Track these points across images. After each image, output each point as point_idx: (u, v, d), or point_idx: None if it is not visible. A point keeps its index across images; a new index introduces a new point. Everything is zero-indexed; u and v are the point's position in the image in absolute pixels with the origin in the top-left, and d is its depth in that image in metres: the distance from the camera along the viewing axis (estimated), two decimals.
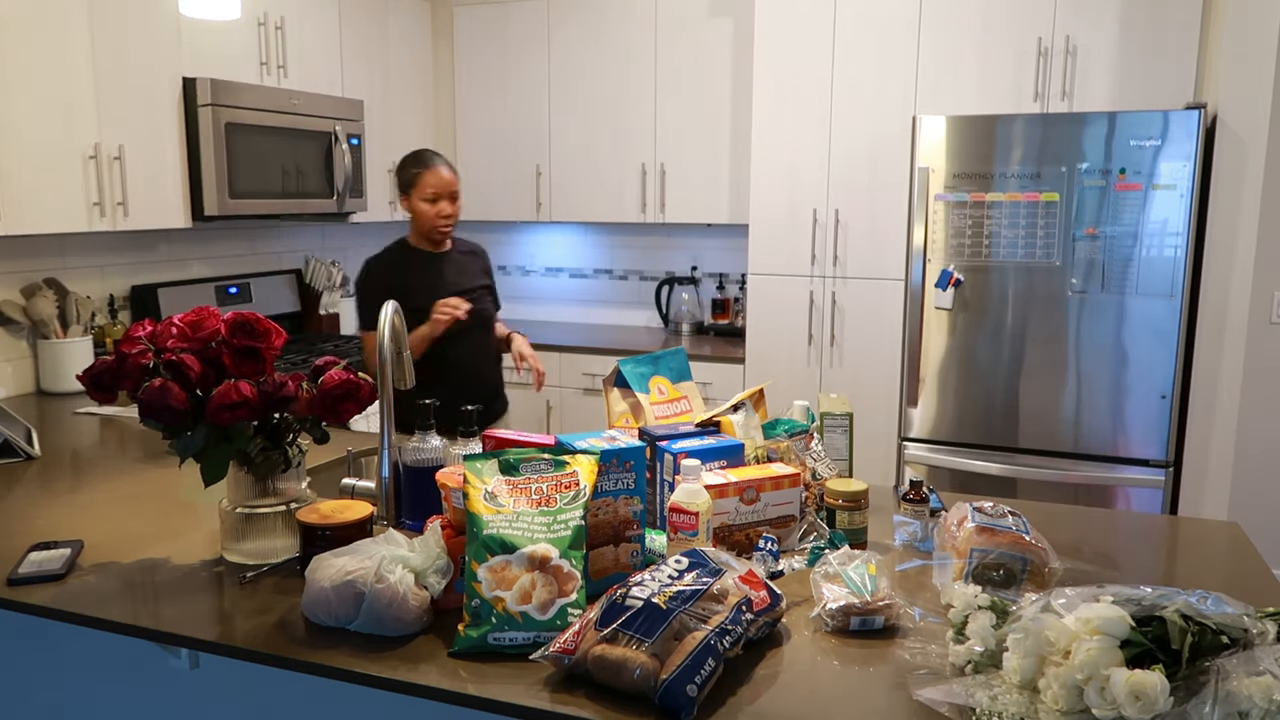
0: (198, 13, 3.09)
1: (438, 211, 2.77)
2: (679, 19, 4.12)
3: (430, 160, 2.80)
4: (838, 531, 1.67)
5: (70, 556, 1.60)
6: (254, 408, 1.52)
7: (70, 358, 3.07)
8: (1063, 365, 3.42)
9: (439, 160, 2.80)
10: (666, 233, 4.60)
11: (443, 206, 2.78)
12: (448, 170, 2.79)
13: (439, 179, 2.76)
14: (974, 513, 1.52)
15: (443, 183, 2.76)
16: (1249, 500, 3.38)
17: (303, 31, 3.71)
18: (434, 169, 2.77)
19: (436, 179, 2.76)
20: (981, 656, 1.19)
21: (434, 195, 2.76)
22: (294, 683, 1.60)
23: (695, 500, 1.52)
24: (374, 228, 4.71)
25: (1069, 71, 3.50)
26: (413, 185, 2.78)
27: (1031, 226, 3.39)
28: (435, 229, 2.79)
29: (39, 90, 2.77)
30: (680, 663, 1.15)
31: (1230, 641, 1.08)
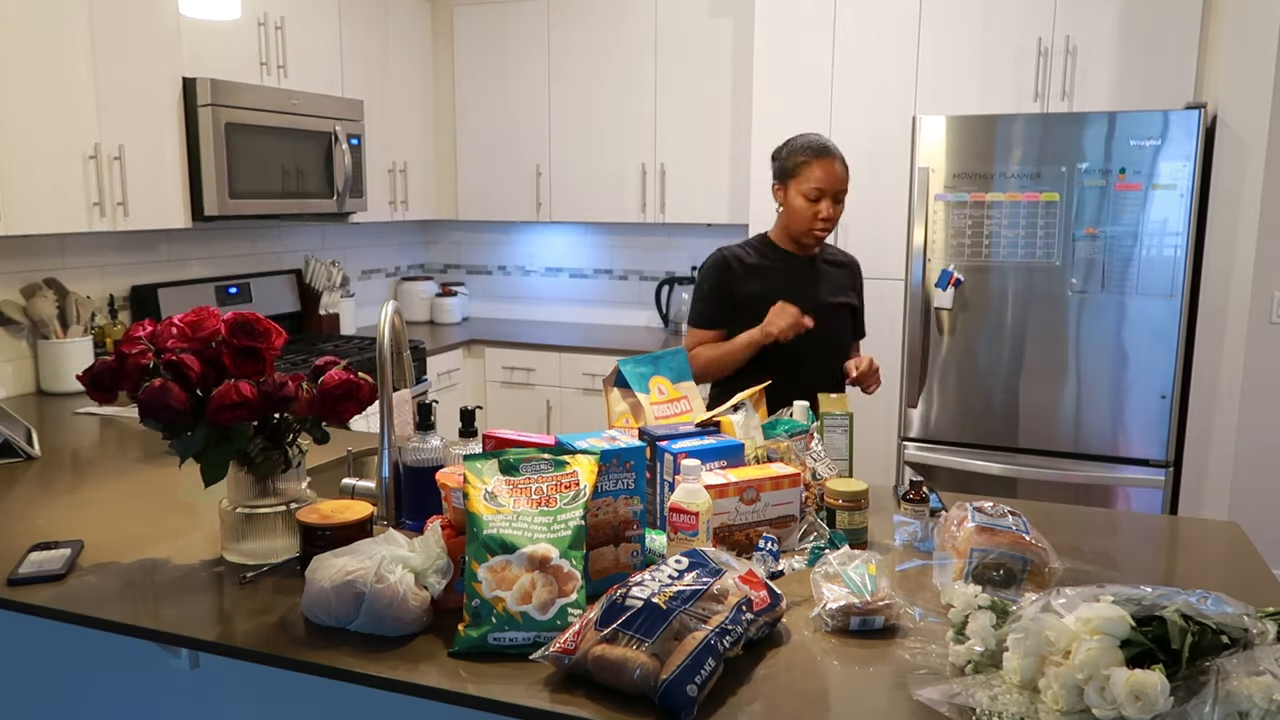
0: (198, 13, 3.10)
1: (816, 212, 2.40)
2: (679, 19, 4.12)
3: (823, 150, 2.40)
4: (838, 531, 1.67)
5: (70, 556, 1.60)
6: (254, 408, 1.52)
7: (70, 358, 3.07)
8: (1063, 365, 3.42)
9: (833, 152, 2.40)
10: (666, 233, 4.60)
11: (823, 207, 2.39)
12: (841, 165, 2.40)
13: (829, 174, 2.37)
14: (974, 513, 1.52)
15: (832, 179, 2.38)
16: (1249, 500, 3.38)
17: (303, 31, 3.72)
18: (826, 161, 2.38)
19: (826, 174, 2.37)
20: (981, 656, 1.19)
21: (818, 192, 2.38)
22: (294, 683, 1.60)
23: (695, 500, 1.52)
24: (374, 228, 4.71)
25: (1069, 71, 3.50)
26: (793, 175, 2.41)
27: (1031, 226, 3.39)
28: (809, 231, 2.43)
29: (39, 90, 2.77)
30: (680, 663, 1.15)
31: (1230, 641, 1.08)
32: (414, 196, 4.47)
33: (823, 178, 2.37)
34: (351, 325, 4.36)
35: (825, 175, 2.37)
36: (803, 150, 2.40)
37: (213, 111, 3.22)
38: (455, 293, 4.83)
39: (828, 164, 2.37)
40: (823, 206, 2.39)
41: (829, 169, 2.37)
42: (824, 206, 2.39)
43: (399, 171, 4.34)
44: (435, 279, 4.98)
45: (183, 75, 3.22)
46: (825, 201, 2.39)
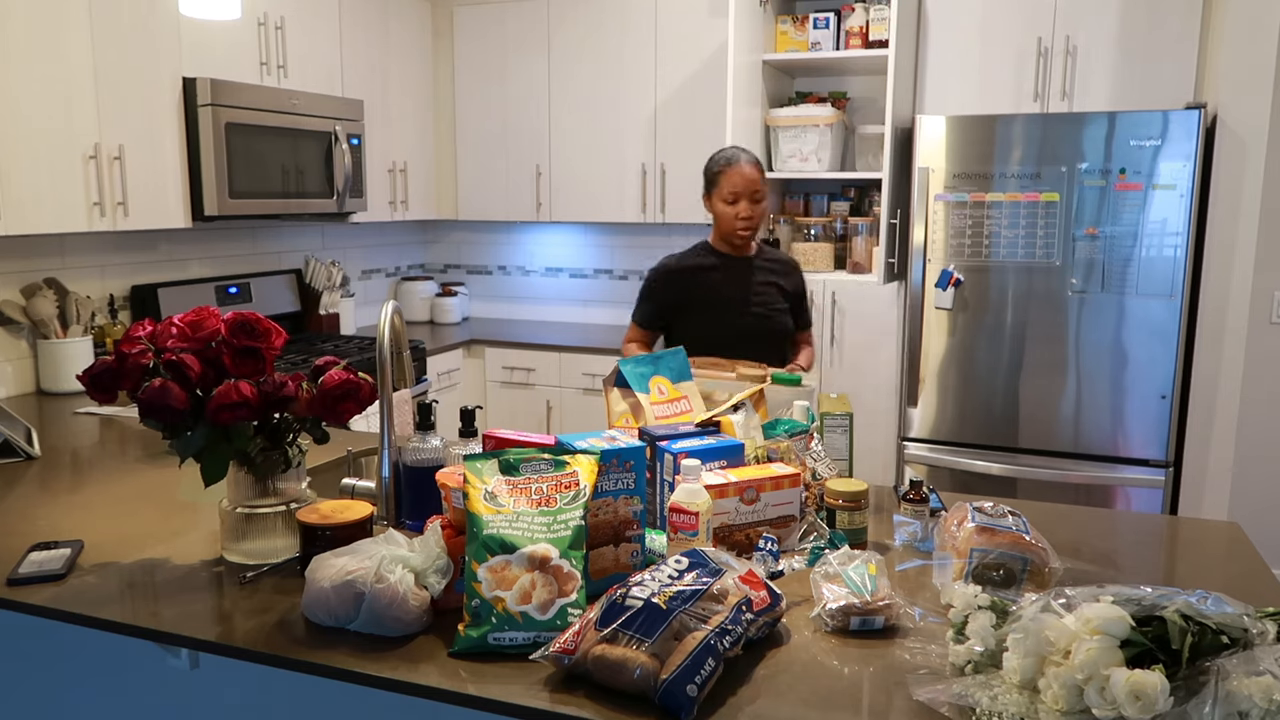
0: (198, 13, 3.09)
1: (736, 213, 2.64)
2: (679, 19, 4.11)
3: (732, 158, 2.66)
4: (838, 531, 1.67)
5: (70, 556, 1.60)
6: (254, 408, 1.52)
7: (70, 358, 3.06)
8: (1063, 365, 3.42)
9: (742, 158, 2.65)
10: (666, 233, 4.60)
11: (741, 208, 2.64)
12: (750, 168, 2.63)
13: (738, 178, 2.62)
14: (974, 513, 1.52)
15: (742, 182, 2.62)
16: (1249, 500, 3.38)
17: (303, 31, 3.71)
18: (735, 167, 2.63)
19: (736, 178, 2.62)
20: (981, 656, 1.19)
21: (733, 195, 2.63)
22: (294, 683, 1.60)
23: (695, 500, 1.52)
24: (374, 228, 4.71)
25: (1069, 71, 3.50)
26: (713, 184, 2.68)
27: (1031, 226, 3.39)
28: (734, 232, 2.67)
29: (39, 90, 2.77)
30: (680, 663, 1.15)
31: (1230, 641, 1.08)
32: (414, 196, 4.47)
33: (736, 182, 2.61)
34: (351, 325, 4.36)
35: (737, 179, 2.61)
36: (718, 162, 2.66)
37: (213, 111, 3.22)
38: (455, 293, 4.83)
39: (738, 169, 2.61)
40: (741, 207, 2.63)
41: (740, 173, 2.61)
42: (742, 207, 2.63)
43: (399, 171, 4.34)
44: (435, 279, 4.98)
45: (183, 75, 3.21)
46: (742, 203, 2.62)
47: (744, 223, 2.64)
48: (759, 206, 2.66)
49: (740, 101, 3.72)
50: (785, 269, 2.80)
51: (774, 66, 4.03)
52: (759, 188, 2.64)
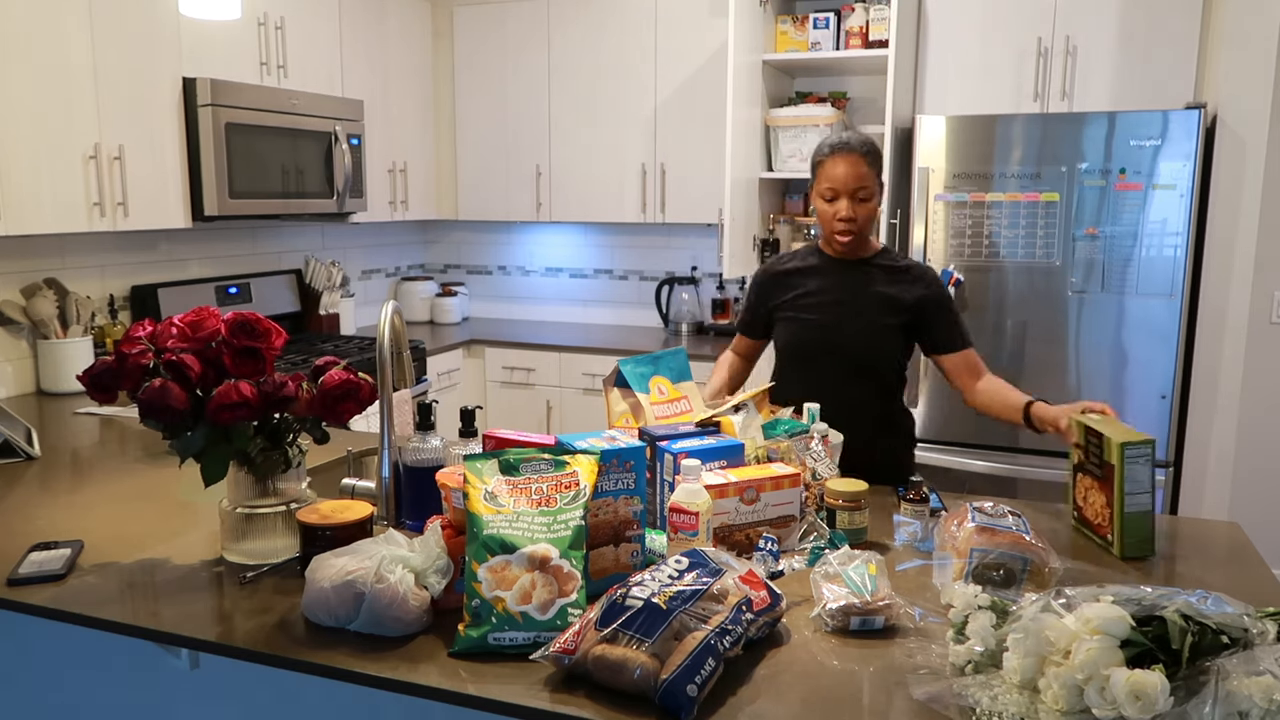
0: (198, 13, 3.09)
1: (835, 212, 2.22)
2: (679, 19, 4.12)
3: (835, 145, 2.23)
4: (838, 531, 1.67)
5: (70, 556, 1.60)
6: (254, 408, 1.52)
7: (70, 358, 3.06)
8: (1063, 365, 3.42)
9: (842, 148, 2.21)
10: (666, 233, 4.60)
11: (841, 206, 2.21)
12: (854, 160, 2.20)
13: (838, 171, 2.20)
14: (974, 513, 1.52)
15: (843, 176, 2.20)
16: (1249, 500, 3.38)
17: (303, 31, 3.71)
18: (837, 158, 2.21)
19: (835, 171, 2.20)
20: (981, 656, 1.19)
21: (831, 192, 2.22)
22: (294, 683, 1.60)
23: (695, 500, 1.52)
24: (374, 228, 4.71)
25: (1069, 71, 3.50)
26: (814, 176, 2.27)
27: (1031, 226, 3.39)
28: (833, 235, 2.25)
29: (39, 90, 2.77)
30: (680, 663, 1.15)
31: (1230, 641, 1.08)
32: (414, 196, 4.47)
33: (835, 175, 2.20)
34: (351, 325, 4.36)
35: (837, 172, 2.20)
36: (819, 150, 2.26)
37: (213, 111, 3.22)
38: (455, 293, 4.83)
39: (838, 160, 2.20)
40: (840, 206, 2.20)
41: (840, 166, 2.19)
42: (842, 206, 2.20)
43: (399, 171, 4.34)
44: (435, 279, 4.98)
45: (183, 75, 3.21)
46: (842, 200, 2.20)
47: (843, 225, 2.22)
48: (866, 206, 2.22)
49: (740, 101, 3.72)
50: (907, 277, 2.29)
51: (774, 66, 4.03)
52: (865, 183, 2.20)
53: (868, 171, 2.20)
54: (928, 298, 2.26)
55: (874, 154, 2.23)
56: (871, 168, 2.21)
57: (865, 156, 2.20)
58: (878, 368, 2.28)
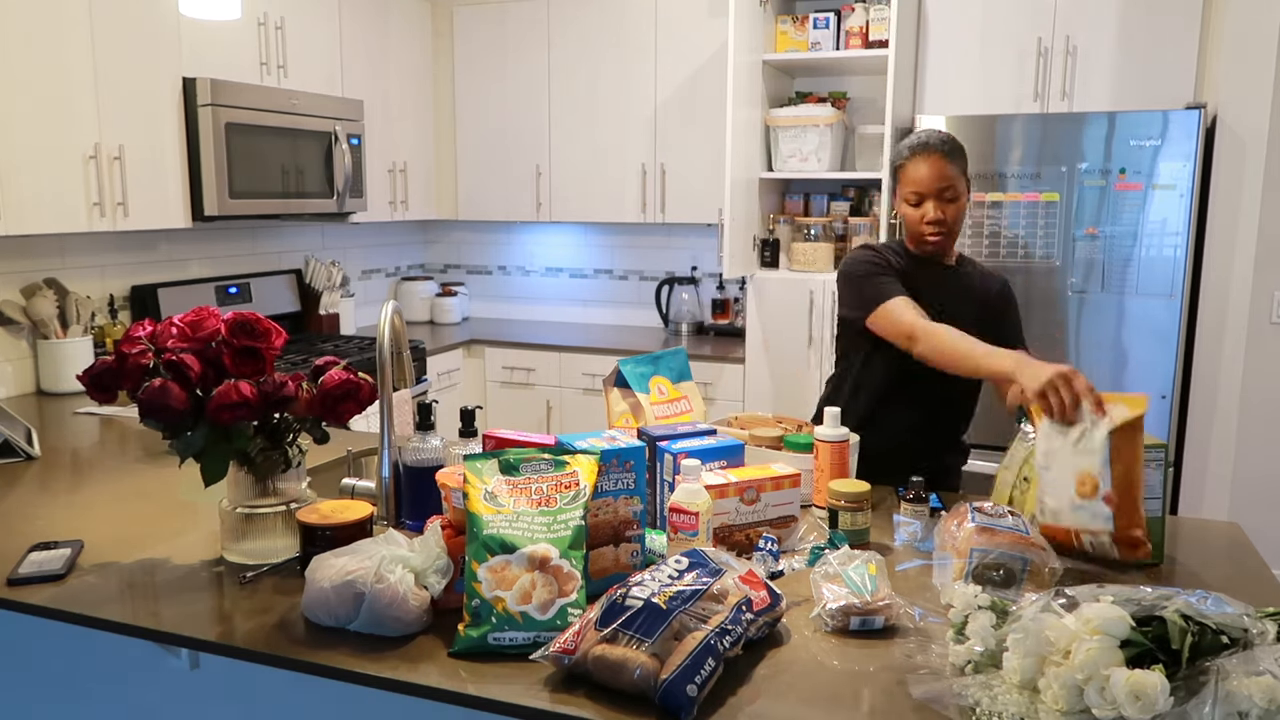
0: (198, 13, 3.10)
1: (922, 215, 2.10)
2: (679, 19, 4.12)
3: (916, 145, 2.11)
4: (839, 532, 1.67)
5: (70, 556, 1.60)
6: (254, 408, 1.52)
7: (70, 358, 3.06)
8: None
9: (921, 149, 2.09)
10: (666, 233, 4.60)
11: (928, 209, 2.10)
12: (937, 160, 2.08)
13: (922, 172, 2.08)
14: (974, 513, 1.52)
15: (927, 177, 2.08)
16: (1249, 500, 3.38)
17: (303, 31, 3.71)
18: (921, 158, 2.09)
19: (919, 172, 2.08)
20: (981, 656, 1.19)
21: (916, 195, 2.11)
22: (294, 683, 1.60)
23: (695, 500, 1.52)
24: (374, 228, 4.71)
25: (1069, 71, 3.50)
26: (897, 178, 2.15)
27: (1031, 226, 3.40)
28: (921, 237, 2.13)
29: (39, 90, 2.77)
30: (680, 663, 1.15)
31: (1230, 641, 1.08)
32: (414, 196, 4.47)
33: (918, 178, 2.09)
34: (351, 325, 4.36)
35: (921, 174, 2.08)
36: (900, 153, 2.15)
37: (213, 111, 3.22)
38: (455, 293, 4.83)
39: (922, 161, 2.08)
40: (927, 209, 2.09)
41: (924, 166, 2.08)
42: (928, 209, 2.09)
43: (399, 171, 4.34)
44: (435, 279, 4.98)
45: (183, 75, 3.21)
46: (929, 203, 2.09)
47: (932, 228, 2.10)
48: (954, 206, 2.10)
49: (740, 101, 3.72)
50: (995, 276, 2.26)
51: (774, 66, 4.03)
52: (950, 181, 2.08)
53: (952, 170, 2.09)
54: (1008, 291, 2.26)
55: (956, 150, 2.12)
56: (955, 165, 2.10)
57: (947, 154, 2.09)
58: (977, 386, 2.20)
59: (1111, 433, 1.53)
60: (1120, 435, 1.53)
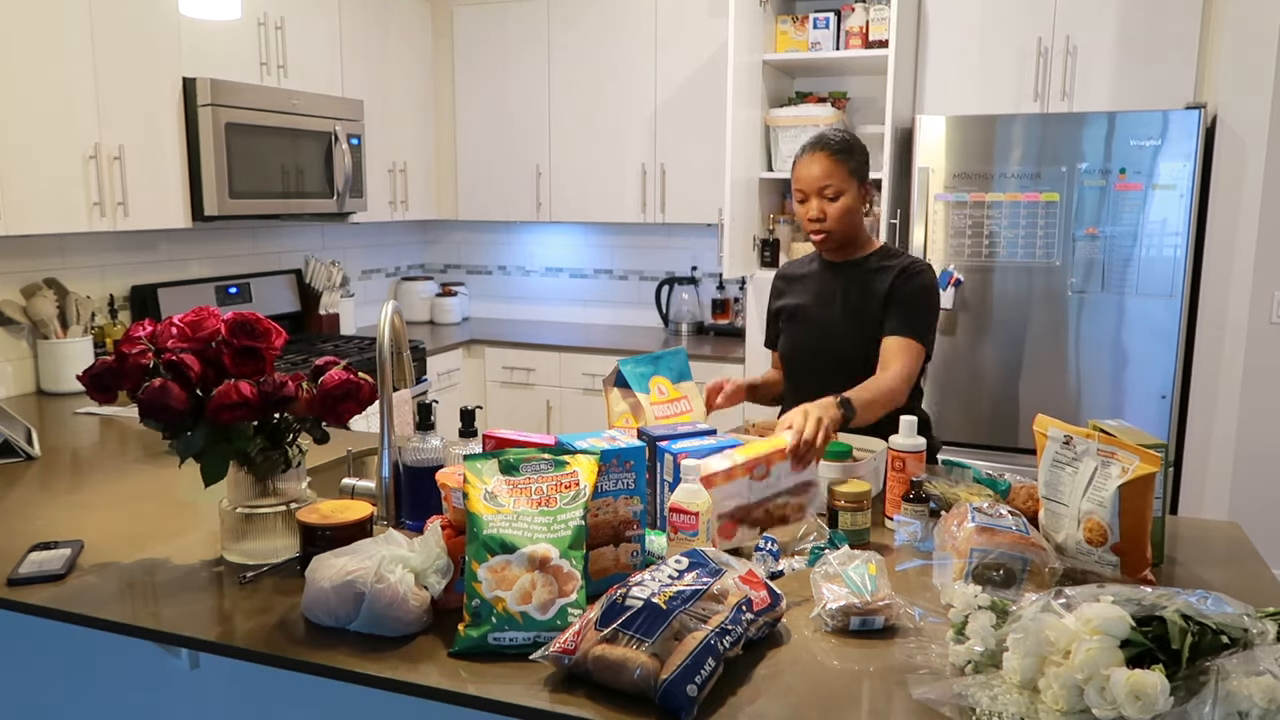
0: (198, 13, 3.09)
1: (806, 213, 2.18)
2: (679, 19, 4.12)
3: (802, 149, 2.18)
4: (838, 532, 1.66)
5: (70, 556, 1.60)
6: (254, 408, 1.52)
7: (70, 358, 3.06)
8: (1063, 365, 3.42)
9: (810, 147, 2.16)
10: (666, 233, 4.60)
11: (811, 207, 2.17)
12: (821, 159, 2.13)
13: (803, 171, 2.16)
14: (974, 513, 1.52)
15: (805, 178, 2.16)
16: (1249, 500, 3.38)
17: (303, 31, 3.71)
18: (806, 158, 2.16)
19: (801, 171, 2.17)
20: (981, 656, 1.19)
21: (800, 193, 2.18)
22: (294, 683, 1.60)
23: (695, 500, 1.52)
24: (374, 228, 4.71)
25: (1069, 71, 3.50)
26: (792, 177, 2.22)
27: (1031, 226, 3.39)
28: (808, 235, 2.23)
29: (39, 90, 2.77)
30: (680, 663, 1.15)
31: (1230, 641, 1.08)
32: (414, 196, 4.47)
33: (802, 175, 2.16)
34: (351, 325, 4.36)
35: (803, 173, 2.16)
36: (799, 148, 2.22)
37: (213, 111, 3.22)
38: (455, 293, 4.83)
39: (807, 161, 2.15)
40: (810, 207, 2.16)
41: (812, 165, 2.14)
42: (811, 207, 2.16)
43: (399, 171, 4.34)
44: (435, 279, 4.98)
45: (183, 75, 3.21)
46: (811, 200, 2.16)
47: (813, 225, 2.18)
48: (835, 204, 2.15)
49: (740, 101, 3.72)
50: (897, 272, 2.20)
51: (774, 66, 4.03)
52: (831, 180, 2.13)
53: (835, 168, 2.13)
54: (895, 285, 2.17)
55: (846, 150, 2.15)
56: (842, 164, 2.13)
57: (835, 154, 2.13)
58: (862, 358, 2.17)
59: (1122, 486, 1.46)
60: (1131, 488, 1.46)
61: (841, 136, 2.18)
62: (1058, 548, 1.55)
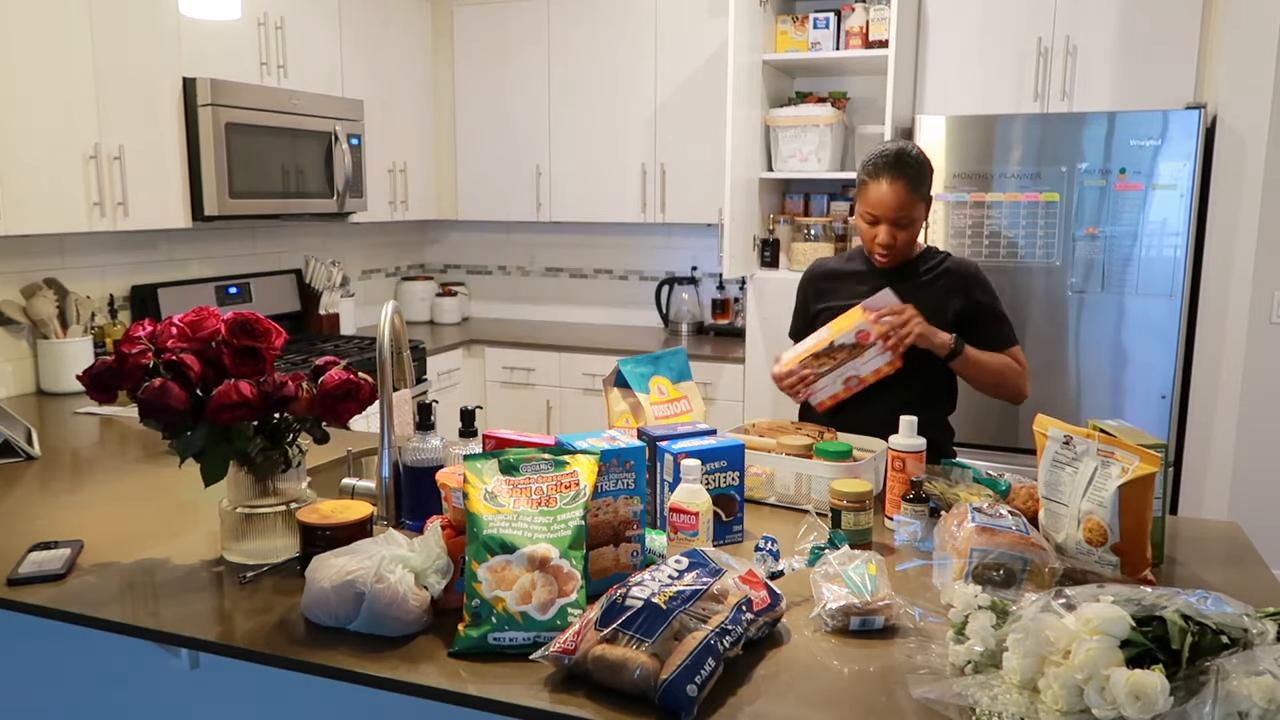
0: (198, 13, 3.09)
1: (874, 235, 2.16)
2: (679, 19, 4.12)
3: (881, 167, 2.12)
4: (839, 532, 1.66)
5: (70, 556, 1.60)
6: (254, 408, 1.52)
7: (70, 358, 3.06)
8: (1063, 365, 3.42)
9: (891, 171, 2.11)
10: (666, 233, 4.60)
11: (880, 232, 2.15)
12: (895, 188, 2.10)
13: (876, 198, 2.12)
14: (974, 513, 1.52)
15: (882, 204, 2.12)
16: (1249, 500, 3.38)
17: (303, 31, 3.71)
18: (877, 182, 2.12)
19: (874, 197, 2.12)
20: (981, 656, 1.19)
21: (870, 216, 2.15)
22: (294, 683, 1.60)
23: (695, 500, 1.52)
24: (374, 227, 4.71)
25: (1069, 71, 3.50)
26: (858, 192, 2.19)
27: (1031, 226, 3.39)
28: (872, 254, 2.22)
29: (39, 90, 2.77)
30: (680, 663, 1.15)
31: (1230, 641, 1.08)
32: (414, 196, 4.47)
33: (878, 201, 2.12)
34: (351, 325, 4.36)
35: (875, 199, 2.12)
36: (865, 166, 2.16)
37: (213, 111, 3.22)
38: (455, 293, 4.83)
39: (878, 185, 2.11)
40: (880, 232, 2.14)
41: (879, 192, 2.11)
42: (880, 232, 2.14)
43: (399, 171, 4.34)
44: (435, 279, 4.98)
45: (183, 75, 3.21)
46: (882, 226, 2.14)
47: (881, 250, 2.18)
48: (906, 231, 2.15)
49: (740, 101, 3.72)
50: (957, 283, 2.23)
51: (774, 66, 4.03)
52: (906, 210, 2.12)
53: (910, 198, 2.11)
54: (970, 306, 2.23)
55: (918, 176, 2.13)
56: (915, 193, 2.12)
57: (911, 181, 2.11)
58: (929, 370, 2.21)
59: (1122, 486, 1.46)
60: (1131, 488, 1.46)
61: (917, 159, 2.14)
62: (1058, 548, 1.55)
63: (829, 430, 2.03)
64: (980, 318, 2.24)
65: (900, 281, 2.22)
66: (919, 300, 2.18)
